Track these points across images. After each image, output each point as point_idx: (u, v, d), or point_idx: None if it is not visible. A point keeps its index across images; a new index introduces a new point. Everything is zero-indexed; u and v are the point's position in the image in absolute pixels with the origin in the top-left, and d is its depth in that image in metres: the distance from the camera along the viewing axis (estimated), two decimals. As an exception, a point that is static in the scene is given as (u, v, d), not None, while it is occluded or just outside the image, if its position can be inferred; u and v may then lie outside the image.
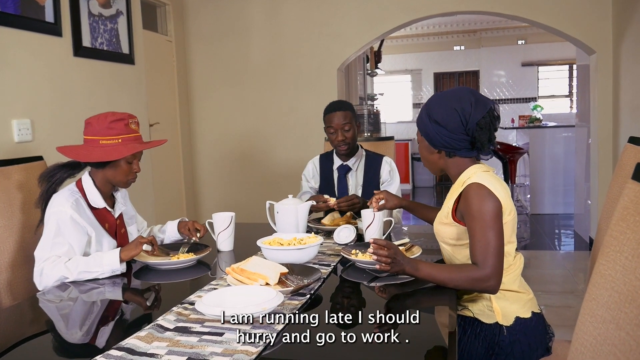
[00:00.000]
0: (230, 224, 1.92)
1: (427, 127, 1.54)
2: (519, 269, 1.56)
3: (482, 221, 1.42)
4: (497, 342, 1.49)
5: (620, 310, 0.70)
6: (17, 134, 2.57)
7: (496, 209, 1.43)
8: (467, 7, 4.34)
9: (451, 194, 1.57)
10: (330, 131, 2.47)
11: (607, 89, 4.24)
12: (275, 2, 4.62)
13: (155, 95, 4.15)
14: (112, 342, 1.12)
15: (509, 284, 1.52)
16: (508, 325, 1.50)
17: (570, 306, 3.49)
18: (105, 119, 1.73)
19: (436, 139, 1.53)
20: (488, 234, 1.41)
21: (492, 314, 1.51)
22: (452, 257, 1.60)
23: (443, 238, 1.60)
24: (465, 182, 1.51)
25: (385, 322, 1.23)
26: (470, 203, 1.45)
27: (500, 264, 1.42)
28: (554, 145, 6.29)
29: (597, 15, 4.16)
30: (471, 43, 8.92)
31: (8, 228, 1.79)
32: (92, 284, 1.61)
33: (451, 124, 1.49)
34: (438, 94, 1.59)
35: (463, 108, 1.48)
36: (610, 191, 1.57)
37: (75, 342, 1.26)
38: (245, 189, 4.84)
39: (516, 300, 1.53)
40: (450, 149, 1.54)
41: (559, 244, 5.24)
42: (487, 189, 1.45)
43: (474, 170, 1.54)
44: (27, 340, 1.32)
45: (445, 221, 1.57)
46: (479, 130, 1.48)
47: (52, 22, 2.82)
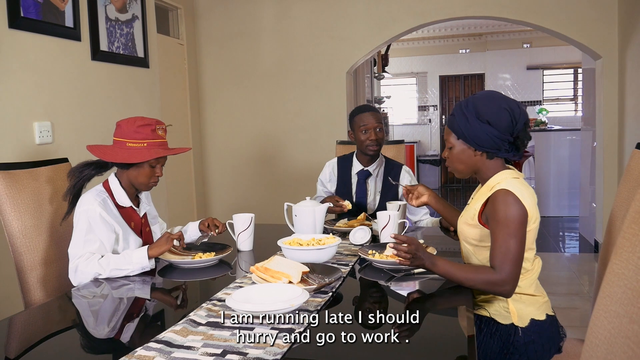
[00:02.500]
0: (250, 225, 1.99)
1: (472, 129, 1.52)
2: (536, 273, 1.59)
3: (506, 228, 1.44)
4: (512, 342, 1.53)
5: (634, 305, 0.76)
6: (38, 136, 2.64)
7: (521, 217, 1.45)
8: (475, 12, 4.41)
9: (479, 197, 1.59)
10: (362, 130, 2.45)
11: (613, 93, 4.29)
12: (285, 6, 4.69)
13: (167, 97, 4.22)
14: (148, 336, 1.19)
15: (526, 288, 1.56)
16: (523, 326, 1.53)
17: (575, 307, 3.55)
18: (133, 123, 1.80)
19: (484, 140, 1.51)
20: (509, 241, 1.44)
21: (508, 315, 1.55)
22: (472, 256, 1.63)
23: (466, 237, 1.63)
24: (494, 187, 1.52)
25: (404, 322, 1.29)
26: (496, 208, 1.47)
27: (517, 271, 1.45)
28: (559, 149, 6.34)
29: (603, 20, 4.21)
30: (477, 46, 8.99)
31: (38, 227, 1.86)
32: (123, 280, 1.69)
33: (502, 124, 1.49)
34: (479, 96, 1.56)
35: (512, 108, 1.50)
36: (619, 195, 1.63)
37: (108, 337, 1.33)
38: (254, 190, 4.91)
39: (532, 303, 1.57)
40: (495, 150, 1.53)
41: (564, 246, 5.29)
42: (515, 196, 1.46)
43: (504, 175, 1.54)
44: (58, 333, 1.39)
45: (470, 222, 1.59)
46: (524, 129, 1.51)
47: (72, 27, 2.90)
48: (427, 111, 9.43)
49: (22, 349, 1.31)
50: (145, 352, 1.10)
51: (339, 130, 4.71)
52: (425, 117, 9.44)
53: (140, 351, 1.10)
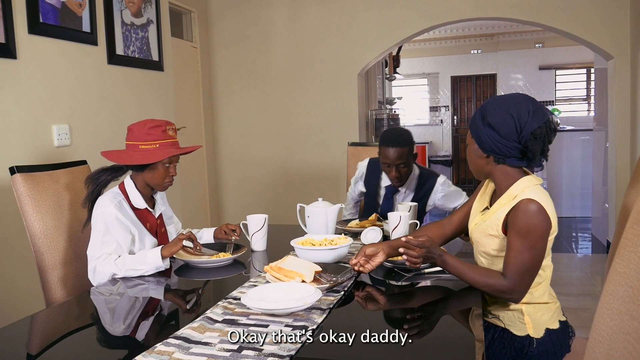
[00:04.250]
0: (263, 225, 2.03)
1: (479, 130, 1.50)
2: (548, 280, 1.58)
3: (526, 240, 1.41)
4: (527, 353, 1.52)
5: (634, 303, 0.80)
6: (56, 139, 2.71)
7: (544, 229, 1.42)
8: (486, 13, 4.42)
9: (499, 206, 1.53)
10: (385, 164, 2.39)
11: (625, 94, 4.28)
12: (297, 8, 4.74)
13: (180, 99, 4.29)
14: (166, 333, 1.23)
15: (540, 297, 1.55)
16: (538, 337, 1.52)
17: (587, 308, 3.55)
18: (144, 126, 1.86)
19: (487, 143, 1.49)
20: (526, 254, 1.42)
21: (523, 326, 1.53)
22: (490, 266, 1.59)
23: (485, 248, 1.57)
24: (517, 197, 1.47)
25: (416, 324, 1.31)
26: (519, 219, 1.43)
27: (528, 282, 1.45)
28: (571, 149, 6.33)
29: (614, 21, 4.21)
30: (488, 47, 8.97)
31: (58, 228, 1.92)
32: (142, 280, 1.75)
33: (504, 129, 1.45)
34: (496, 97, 1.52)
35: (520, 115, 1.43)
36: (628, 196, 1.65)
37: (125, 335, 1.38)
38: (267, 191, 4.96)
39: (546, 310, 1.55)
40: (499, 155, 1.49)
41: (576, 247, 5.28)
42: (541, 206, 1.42)
43: (526, 183, 1.49)
44: (78, 330, 1.44)
45: (492, 233, 1.54)
46: (533, 140, 1.43)
47: (89, 32, 2.97)
48: (438, 112, 9.43)
49: (43, 345, 1.36)
50: (165, 347, 1.15)
51: (350, 132, 4.75)
52: (437, 117, 9.44)
53: (160, 346, 1.15)
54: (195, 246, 1.85)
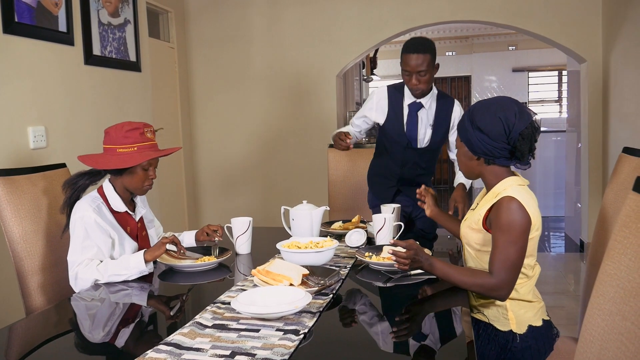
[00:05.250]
0: (248, 228, 2.02)
1: (468, 134, 1.56)
2: (534, 279, 1.63)
3: (508, 235, 1.47)
4: (510, 349, 1.56)
5: (626, 303, 0.82)
6: (32, 141, 2.65)
7: (524, 225, 1.48)
8: (463, 17, 4.49)
9: (484, 203, 1.61)
10: (405, 73, 2.30)
11: (597, 96, 4.40)
12: (276, 10, 4.73)
13: (158, 101, 4.23)
14: (156, 339, 1.22)
15: (525, 294, 1.59)
16: (521, 333, 1.56)
17: (562, 306, 3.63)
18: (121, 129, 1.82)
19: (477, 146, 1.55)
20: (510, 249, 1.47)
21: (507, 322, 1.57)
22: (474, 259, 1.67)
23: (469, 241, 1.66)
24: (499, 194, 1.54)
25: (403, 325, 1.32)
26: (500, 215, 1.49)
27: (514, 277, 1.49)
28: (544, 149, 6.45)
29: (587, 25, 4.32)
30: (463, 49, 9.10)
31: (37, 232, 1.87)
32: (125, 285, 1.71)
33: (494, 132, 1.51)
34: (482, 102, 1.60)
35: (507, 117, 1.51)
36: (606, 198, 1.69)
37: (112, 342, 1.36)
38: (245, 193, 4.94)
39: (530, 309, 1.60)
40: (489, 157, 1.56)
41: (550, 245, 5.39)
42: (520, 204, 1.48)
43: (509, 182, 1.56)
44: (58, 338, 1.41)
45: (474, 227, 1.62)
46: (521, 140, 1.51)
47: (65, 32, 2.91)
48: (414, 113, 9.51)
49: (23, 352, 1.32)
50: (156, 354, 1.13)
51: (329, 133, 4.75)
52: (412, 118, 9.51)
53: (151, 353, 1.13)
54: (179, 249, 1.83)
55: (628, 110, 3.89)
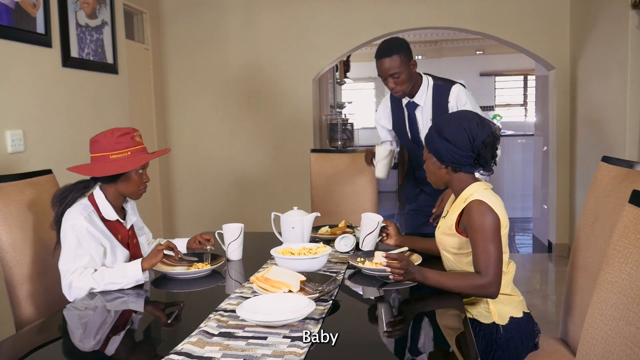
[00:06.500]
0: (239, 235, 2.03)
1: (436, 145, 1.69)
2: (511, 275, 1.75)
3: (484, 234, 1.59)
4: (495, 340, 1.67)
5: (629, 309, 0.88)
6: (10, 145, 2.59)
7: (495, 224, 1.61)
8: (437, 23, 4.59)
9: (454, 208, 1.73)
10: (381, 78, 2.31)
11: (565, 102, 4.57)
12: (252, 13, 4.73)
13: (132, 102, 4.18)
14: (163, 348, 1.23)
15: (503, 289, 1.69)
16: (504, 324, 1.68)
17: (534, 305, 3.75)
18: (111, 135, 1.80)
19: (445, 155, 1.68)
20: (489, 246, 1.58)
21: (489, 315, 1.69)
22: (453, 264, 1.78)
23: (445, 247, 1.77)
24: (467, 199, 1.66)
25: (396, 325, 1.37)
26: (472, 218, 1.61)
27: (500, 272, 1.60)
28: (512, 152, 6.63)
29: (556, 34, 4.48)
30: (432, 53, 9.27)
31: (25, 241, 1.84)
32: (120, 293, 1.70)
33: (460, 142, 1.65)
34: (447, 116, 1.78)
35: (471, 127, 1.65)
36: (587, 205, 1.77)
37: (95, 349, 1.36)
38: (221, 197, 4.92)
39: (509, 302, 1.72)
40: (456, 165, 1.69)
41: (518, 246, 5.55)
42: (488, 205, 1.62)
43: (476, 187, 1.70)
44: (46, 343, 1.40)
45: (448, 232, 1.74)
46: (484, 148, 1.65)
47: (43, 34, 2.85)
48: (385, 115, 9.63)
49: None
50: (168, 364, 1.14)
51: (305, 137, 4.79)
52: (383, 121, 9.63)
53: (162, 363, 1.15)
54: (176, 254, 1.83)
55: (595, 116, 4.05)
